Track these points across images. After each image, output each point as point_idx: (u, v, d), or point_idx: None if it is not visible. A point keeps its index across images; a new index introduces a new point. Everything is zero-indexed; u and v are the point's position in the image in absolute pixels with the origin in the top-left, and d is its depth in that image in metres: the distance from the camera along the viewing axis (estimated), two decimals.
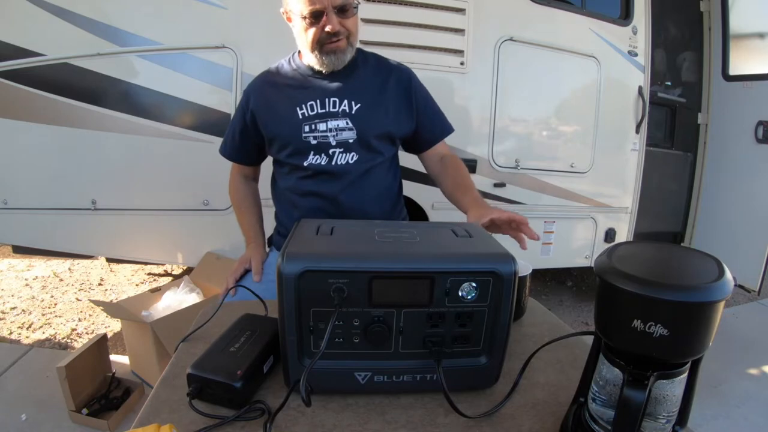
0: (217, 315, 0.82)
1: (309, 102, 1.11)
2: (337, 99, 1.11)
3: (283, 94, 1.14)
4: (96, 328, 2.34)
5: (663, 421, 0.49)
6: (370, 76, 1.16)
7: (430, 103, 1.22)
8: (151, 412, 0.60)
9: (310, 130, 1.10)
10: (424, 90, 1.22)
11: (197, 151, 1.88)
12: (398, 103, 1.16)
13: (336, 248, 0.63)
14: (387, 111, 1.14)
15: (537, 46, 2.15)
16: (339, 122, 1.10)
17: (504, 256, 0.61)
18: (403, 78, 1.18)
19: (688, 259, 0.51)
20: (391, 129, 1.15)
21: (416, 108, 1.18)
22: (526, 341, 0.81)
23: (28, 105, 1.80)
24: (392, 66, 1.20)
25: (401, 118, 1.17)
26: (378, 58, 1.21)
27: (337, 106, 1.11)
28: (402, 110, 1.17)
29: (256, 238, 1.23)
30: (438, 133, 1.24)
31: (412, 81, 1.19)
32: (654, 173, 2.60)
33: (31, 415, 1.61)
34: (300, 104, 1.11)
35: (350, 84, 1.12)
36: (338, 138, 1.10)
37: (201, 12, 1.80)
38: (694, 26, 2.74)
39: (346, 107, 1.11)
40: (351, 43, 1.09)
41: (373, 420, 0.60)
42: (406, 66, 1.22)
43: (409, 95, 1.17)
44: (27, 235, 1.96)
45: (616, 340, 0.48)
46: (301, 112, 1.10)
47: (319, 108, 1.10)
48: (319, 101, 1.11)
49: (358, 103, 1.11)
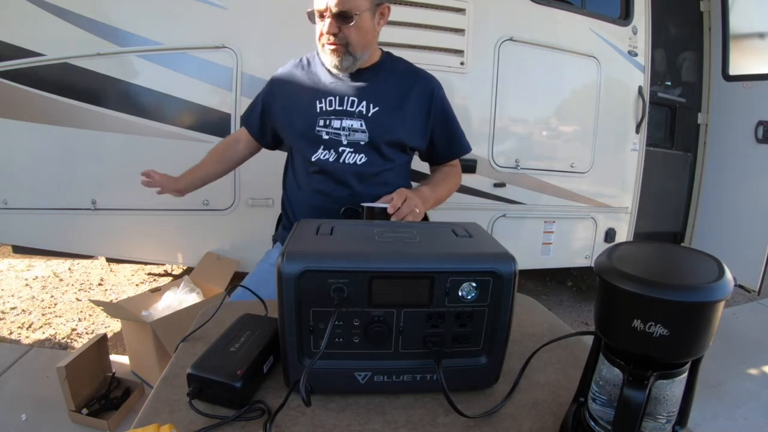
0: (217, 315, 0.82)
1: (329, 98, 1.12)
2: (356, 99, 1.11)
3: (306, 85, 1.15)
4: (96, 328, 2.33)
5: (663, 421, 0.49)
6: (395, 82, 1.16)
7: (449, 119, 1.21)
8: (151, 412, 0.60)
9: (324, 125, 1.11)
10: (445, 105, 1.21)
11: (197, 151, 1.87)
12: (416, 114, 1.16)
13: (336, 248, 0.63)
14: (403, 119, 1.14)
15: (537, 46, 2.15)
16: (353, 122, 1.11)
17: (504, 256, 0.61)
18: (426, 88, 1.17)
19: (688, 259, 0.51)
20: (403, 138, 1.14)
21: (433, 122, 1.18)
22: (526, 341, 0.81)
23: (28, 105, 1.80)
24: (419, 75, 1.19)
25: (416, 129, 1.17)
26: (407, 66, 1.21)
27: (355, 106, 1.11)
28: (419, 121, 1.17)
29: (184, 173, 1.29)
30: (452, 153, 1.25)
31: (434, 93, 1.18)
32: (654, 173, 2.60)
33: (31, 415, 1.61)
34: (320, 98, 1.12)
35: (372, 86, 1.13)
36: (350, 138, 1.11)
37: (201, 12, 1.80)
38: (694, 26, 2.74)
39: (363, 109, 1.11)
40: (350, 51, 1.08)
41: (373, 420, 0.60)
42: (433, 76, 1.20)
43: (429, 107, 1.17)
44: (27, 235, 1.96)
45: (616, 340, 0.48)
46: (320, 105, 1.12)
47: (338, 105, 1.12)
48: (339, 98, 1.12)
49: (376, 107, 1.11)
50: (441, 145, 1.22)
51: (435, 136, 1.20)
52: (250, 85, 1.82)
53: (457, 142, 1.23)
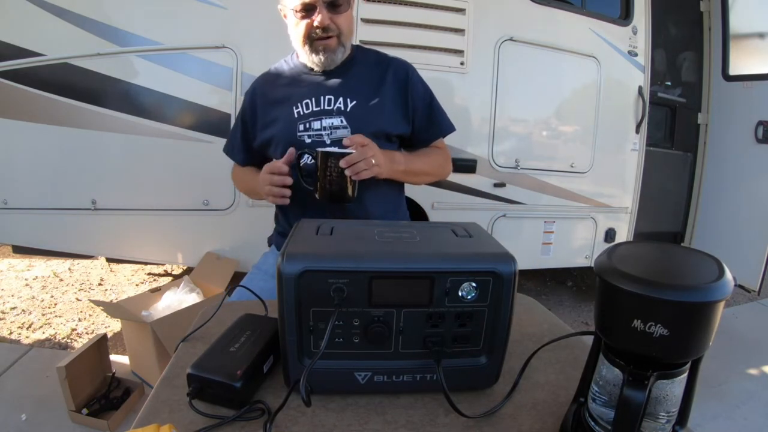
0: (217, 315, 0.82)
1: (304, 100, 1.09)
2: (332, 96, 1.09)
3: (280, 94, 1.13)
4: (96, 328, 2.33)
5: (663, 421, 0.49)
6: (368, 73, 1.13)
7: (428, 99, 1.18)
8: (151, 412, 0.60)
9: (304, 129, 1.09)
10: (422, 86, 1.18)
11: (197, 151, 1.88)
12: (395, 100, 1.13)
13: (336, 248, 0.63)
14: (383, 109, 1.11)
15: (537, 46, 2.15)
16: (333, 120, 1.08)
17: (504, 256, 0.61)
18: (399, 72, 1.14)
19: (688, 259, 0.51)
20: (386, 127, 1.12)
21: (413, 105, 1.15)
22: (526, 341, 0.81)
23: (28, 105, 1.80)
24: (390, 60, 1.17)
25: (398, 115, 1.14)
26: (377, 54, 1.19)
27: (332, 103, 1.09)
28: (398, 107, 1.14)
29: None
30: (434, 133, 1.20)
31: (409, 75, 1.15)
32: (654, 173, 2.60)
33: (31, 415, 1.61)
34: (296, 103, 1.09)
35: (346, 81, 1.11)
36: (333, 136, 1.08)
37: (201, 12, 1.80)
38: (694, 26, 2.74)
39: (341, 105, 1.09)
40: (342, 42, 1.07)
41: (373, 420, 0.60)
42: (404, 60, 1.18)
43: (405, 90, 1.14)
44: (27, 235, 1.96)
45: (616, 340, 0.48)
46: (297, 110, 1.09)
47: (314, 106, 1.09)
48: (314, 99, 1.09)
49: (353, 101, 1.09)
50: (421, 126, 1.17)
51: (416, 118, 1.16)
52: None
53: (437, 121, 1.19)
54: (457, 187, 2.13)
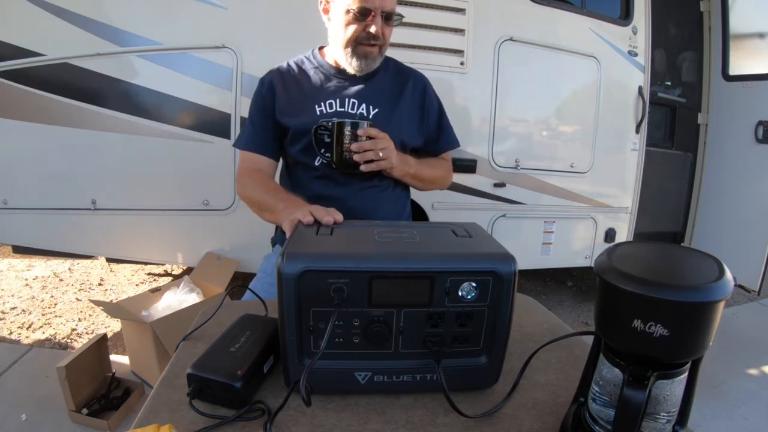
0: (217, 315, 0.82)
1: (329, 100, 1.11)
2: (356, 101, 1.11)
3: (304, 89, 1.13)
4: (96, 328, 2.33)
5: (663, 421, 0.49)
6: (390, 83, 1.16)
7: (440, 115, 1.23)
8: (151, 412, 0.60)
9: (325, 128, 1.10)
10: (436, 100, 1.23)
11: (197, 151, 1.88)
12: (412, 112, 1.17)
13: (336, 248, 0.63)
14: (402, 120, 1.15)
15: (537, 46, 2.15)
16: None
17: (504, 255, 0.61)
18: (418, 85, 1.18)
19: (688, 259, 0.51)
20: (405, 138, 1.15)
21: (427, 119, 1.19)
22: (526, 341, 0.81)
23: (28, 105, 1.80)
24: (410, 73, 1.20)
25: (414, 128, 1.18)
26: (396, 64, 1.21)
27: (356, 108, 1.11)
28: (415, 120, 1.18)
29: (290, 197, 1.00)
30: (441, 148, 1.25)
31: (426, 89, 1.20)
32: (654, 173, 2.60)
33: (31, 415, 1.61)
34: (319, 102, 1.11)
35: (370, 88, 1.13)
36: None
37: (201, 12, 1.80)
38: (694, 26, 2.74)
39: (364, 110, 1.11)
40: (382, 52, 1.11)
41: (373, 420, 0.60)
42: (422, 74, 1.22)
43: (423, 104, 1.18)
44: (27, 235, 1.96)
45: (616, 340, 0.48)
46: (320, 109, 1.11)
47: (338, 107, 1.11)
48: (339, 100, 1.11)
49: (375, 108, 1.12)
50: (431, 139, 1.22)
51: (427, 134, 1.21)
52: (250, 85, 1.82)
53: (445, 135, 1.24)
54: (457, 187, 2.13)
